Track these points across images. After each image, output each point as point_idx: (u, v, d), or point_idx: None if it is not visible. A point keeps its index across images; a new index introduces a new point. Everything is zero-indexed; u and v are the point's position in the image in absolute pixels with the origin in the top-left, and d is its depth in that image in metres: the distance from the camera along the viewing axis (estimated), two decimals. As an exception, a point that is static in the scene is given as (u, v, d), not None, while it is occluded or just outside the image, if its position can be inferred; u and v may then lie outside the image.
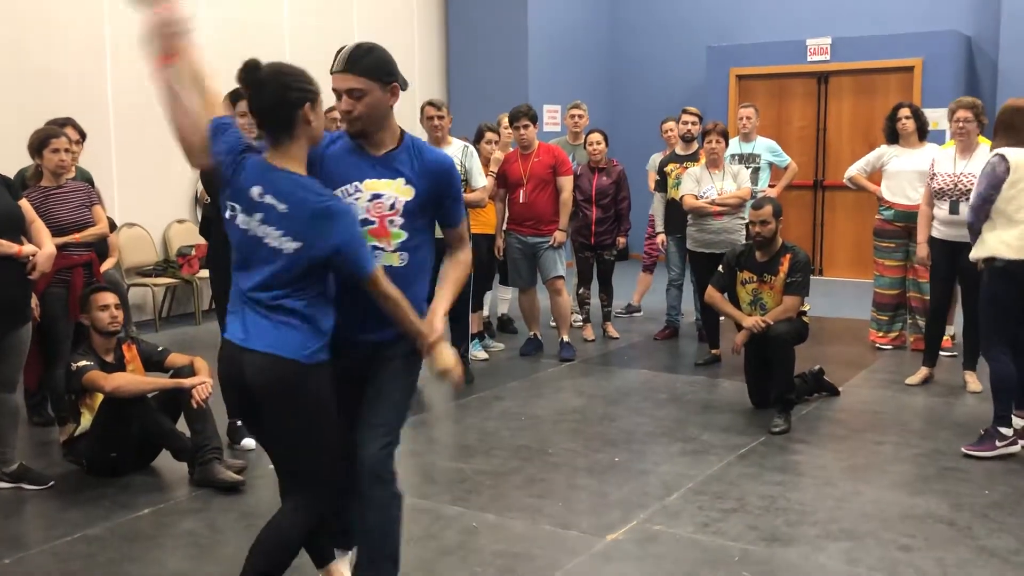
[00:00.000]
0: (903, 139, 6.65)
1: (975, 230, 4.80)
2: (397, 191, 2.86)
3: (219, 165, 2.76)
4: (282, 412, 2.73)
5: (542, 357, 6.93)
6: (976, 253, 4.80)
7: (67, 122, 5.64)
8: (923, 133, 6.64)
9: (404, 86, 2.88)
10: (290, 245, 2.67)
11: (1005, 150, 4.72)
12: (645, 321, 8.26)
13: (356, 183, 2.85)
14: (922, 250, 5.93)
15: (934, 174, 5.82)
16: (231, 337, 2.76)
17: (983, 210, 4.73)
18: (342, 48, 2.84)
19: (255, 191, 2.69)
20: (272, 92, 2.68)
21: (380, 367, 2.91)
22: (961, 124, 5.64)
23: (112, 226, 5.99)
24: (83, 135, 5.84)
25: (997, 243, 4.68)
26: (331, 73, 2.82)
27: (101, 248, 5.42)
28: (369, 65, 2.79)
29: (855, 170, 6.95)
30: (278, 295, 2.70)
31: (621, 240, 7.50)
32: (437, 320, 2.89)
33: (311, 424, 2.76)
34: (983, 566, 3.45)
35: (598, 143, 7.36)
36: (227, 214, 2.76)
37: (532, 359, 6.90)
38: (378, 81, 2.80)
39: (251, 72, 2.71)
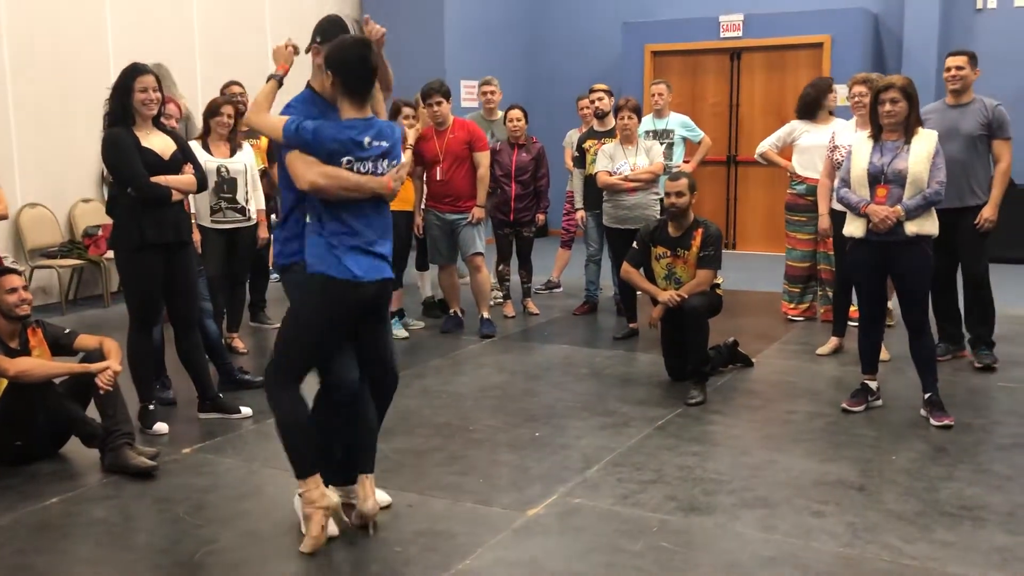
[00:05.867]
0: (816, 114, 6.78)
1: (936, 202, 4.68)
2: None
3: None
4: None
5: (463, 334, 6.92)
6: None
7: None
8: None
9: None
10: None
11: None
12: (564, 297, 8.31)
13: None
14: (824, 222, 6.07)
15: (835, 146, 5.96)
16: None
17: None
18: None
19: None
20: None
21: None
22: (857, 99, 5.86)
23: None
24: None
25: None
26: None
27: None
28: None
29: (766, 145, 7.06)
30: None
31: (540, 217, 7.51)
32: None
33: None
34: (892, 529, 3.57)
35: (518, 119, 7.33)
36: None
37: (453, 336, 6.88)
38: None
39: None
